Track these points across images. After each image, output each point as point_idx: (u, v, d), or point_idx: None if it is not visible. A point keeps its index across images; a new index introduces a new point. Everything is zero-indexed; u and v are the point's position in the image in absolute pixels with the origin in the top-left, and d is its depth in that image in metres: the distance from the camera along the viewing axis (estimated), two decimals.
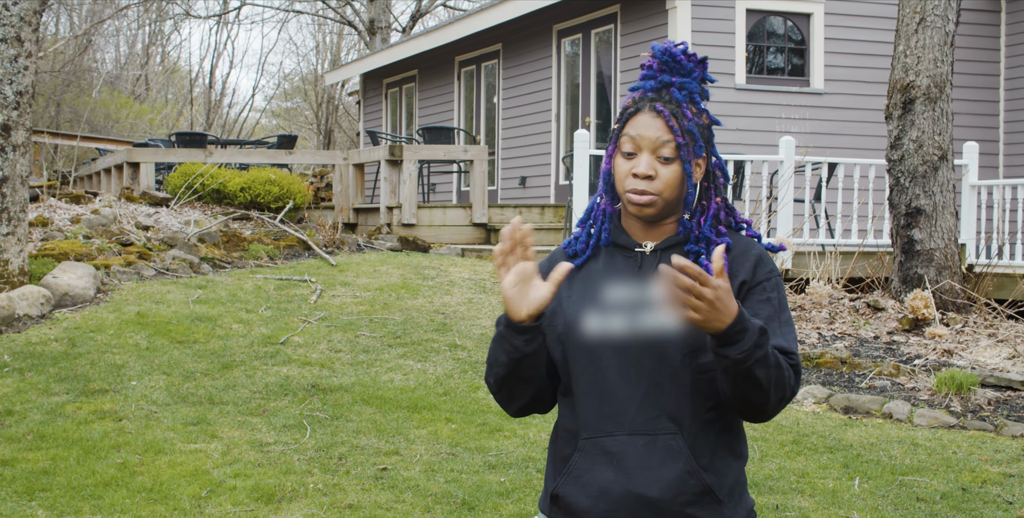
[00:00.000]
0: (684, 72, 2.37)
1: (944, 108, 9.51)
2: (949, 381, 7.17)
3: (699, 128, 2.35)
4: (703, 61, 2.39)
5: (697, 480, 2.27)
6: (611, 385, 2.30)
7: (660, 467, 2.27)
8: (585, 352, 2.32)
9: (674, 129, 2.30)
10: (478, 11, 16.14)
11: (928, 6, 9.48)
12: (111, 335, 7.72)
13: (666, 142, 2.30)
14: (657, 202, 2.32)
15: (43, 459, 5.65)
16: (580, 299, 2.36)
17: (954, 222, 9.53)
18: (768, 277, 2.36)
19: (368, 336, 8.05)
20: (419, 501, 5.22)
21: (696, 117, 2.35)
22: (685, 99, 2.35)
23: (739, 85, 12.87)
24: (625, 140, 2.33)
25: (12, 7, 8.34)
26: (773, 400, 2.25)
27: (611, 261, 2.38)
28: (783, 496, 5.43)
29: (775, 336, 2.31)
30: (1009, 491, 5.57)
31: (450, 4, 33.62)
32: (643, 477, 2.27)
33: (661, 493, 2.26)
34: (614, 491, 2.28)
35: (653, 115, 2.32)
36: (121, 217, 11.23)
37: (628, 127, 2.34)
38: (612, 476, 2.29)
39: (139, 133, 31.00)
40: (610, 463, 2.29)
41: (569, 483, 2.33)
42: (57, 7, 32.70)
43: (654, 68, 2.38)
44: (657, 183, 2.31)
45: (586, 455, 2.32)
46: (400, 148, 12.86)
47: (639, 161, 2.31)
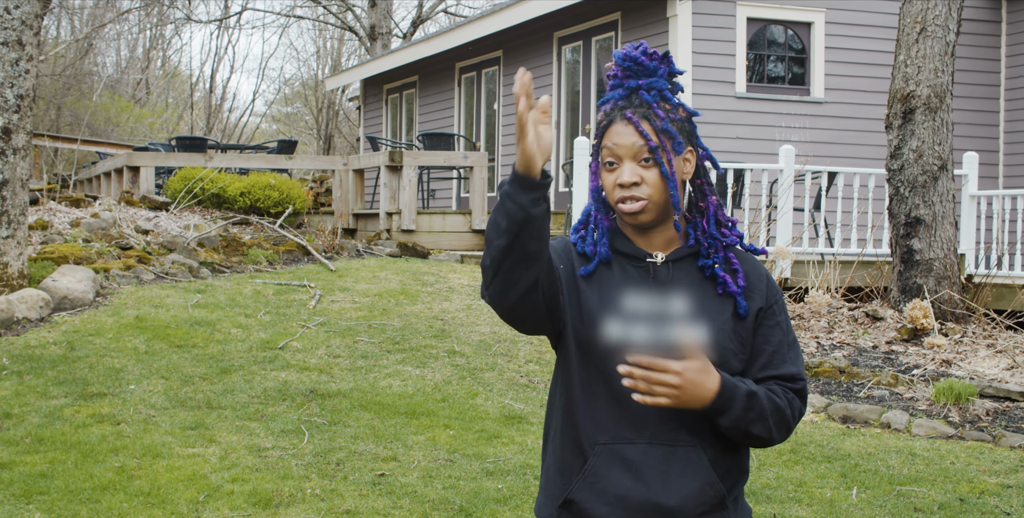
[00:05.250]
0: (649, 72, 2.36)
1: (944, 118, 9.52)
2: (948, 391, 7.17)
3: (676, 123, 2.35)
4: (666, 56, 2.38)
5: (716, 491, 2.30)
6: (630, 393, 2.29)
7: (680, 477, 2.28)
8: (604, 356, 2.31)
9: (644, 133, 2.30)
10: (479, 18, 16.16)
11: (929, 16, 9.50)
12: (110, 339, 7.72)
13: (642, 146, 2.31)
14: (649, 207, 2.32)
15: (41, 462, 5.64)
16: (600, 302, 2.33)
17: (953, 232, 9.53)
18: (776, 300, 2.40)
19: (367, 342, 8.05)
20: (416, 507, 5.21)
21: (670, 113, 2.35)
22: (655, 99, 2.34)
23: (739, 93, 12.89)
24: (605, 152, 2.34)
25: (14, 11, 8.35)
26: (778, 438, 2.34)
27: (624, 269, 2.37)
28: (781, 505, 5.43)
29: (782, 361, 2.37)
30: (1007, 502, 5.57)
31: (451, 10, 33.67)
32: (663, 487, 2.28)
33: (681, 503, 2.28)
34: (633, 499, 2.28)
35: (624, 123, 2.32)
36: (121, 221, 11.23)
37: (605, 139, 2.34)
38: (630, 484, 2.28)
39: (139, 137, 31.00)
40: (628, 470, 2.29)
41: (584, 489, 2.32)
42: (58, 11, 32.73)
43: (619, 75, 2.38)
44: (645, 188, 2.31)
45: (602, 461, 2.31)
46: (400, 154, 12.86)
47: (622, 171, 2.32)
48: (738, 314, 2.35)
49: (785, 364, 2.36)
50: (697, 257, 2.39)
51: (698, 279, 2.36)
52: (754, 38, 13.13)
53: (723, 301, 2.35)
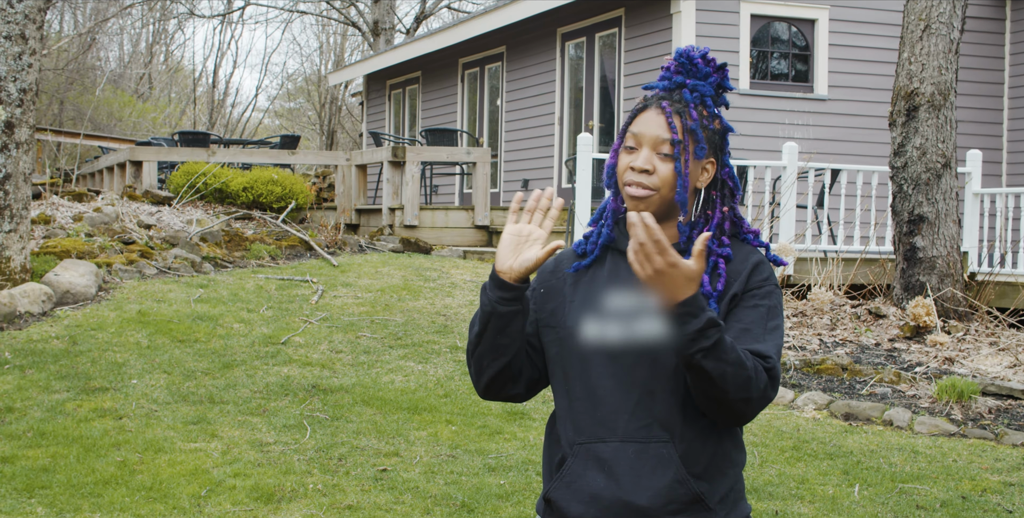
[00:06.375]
0: (699, 75, 2.38)
1: (948, 116, 9.51)
2: (950, 389, 7.17)
3: (706, 131, 2.35)
4: (722, 67, 2.40)
5: (687, 489, 2.26)
6: (605, 392, 2.30)
7: (651, 475, 2.27)
8: (581, 357, 2.32)
9: (672, 126, 2.31)
10: (482, 13, 16.15)
11: (933, 13, 9.48)
12: (112, 333, 7.72)
13: (666, 139, 2.32)
14: (653, 198, 2.31)
15: (43, 456, 5.64)
16: (581, 304, 2.36)
17: (957, 230, 9.52)
18: (761, 285, 2.33)
19: (369, 337, 8.05)
20: (418, 503, 5.21)
21: (705, 120, 2.35)
22: (695, 101, 2.35)
23: (743, 90, 12.88)
24: (629, 136, 2.36)
25: (17, 5, 8.35)
26: (733, 398, 2.19)
27: (615, 267, 2.37)
28: (783, 502, 5.43)
29: (753, 340, 2.26)
30: (1009, 500, 5.56)
31: (454, 6, 33.65)
32: (633, 485, 2.27)
33: (650, 501, 2.26)
34: (604, 497, 2.28)
35: (657, 112, 2.34)
36: (123, 215, 11.23)
37: (633, 124, 2.36)
38: (603, 483, 2.29)
39: (142, 132, 31.01)
40: (601, 469, 2.29)
41: (561, 488, 2.33)
42: (61, 5, 32.72)
43: (671, 69, 2.40)
44: (654, 178, 2.31)
45: (579, 460, 2.32)
46: (403, 149, 12.86)
47: (639, 155, 2.33)
48: None
49: (755, 343, 2.26)
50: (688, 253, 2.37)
51: None
52: (758, 35, 13.12)
53: None
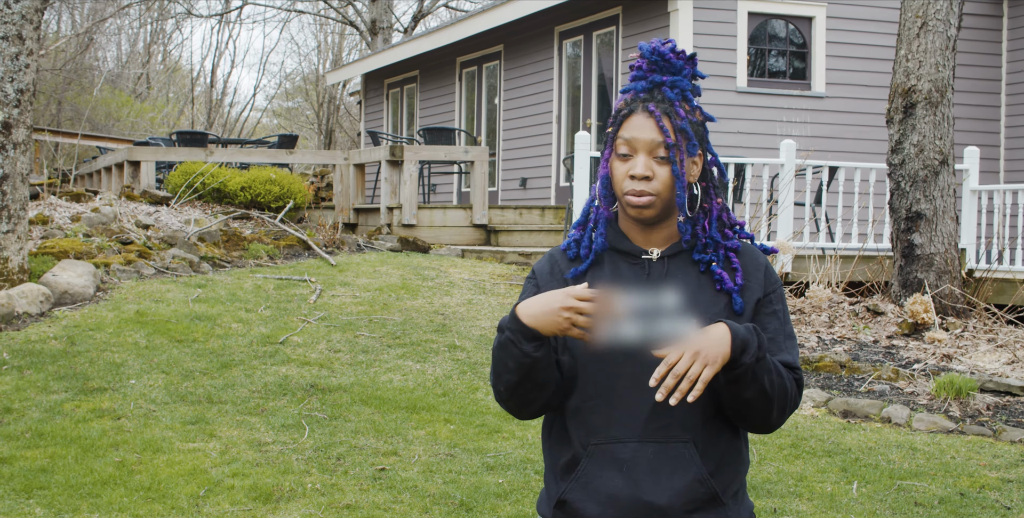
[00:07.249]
0: (674, 70, 2.35)
1: (945, 113, 9.51)
2: (948, 386, 7.17)
3: (692, 125, 2.35)
4: (692, 58, 2.38)
5: (707, 488, 2.28)
6: (623, 392, 2.29)
7: (671, 475, 2.27)
8: (596, 358, 2.31)
9: (664, 129, 2.30)
10: (480, 12, 16.14)
11: (930, 10, 9.48)
12: (110, 334, 7.72)
13: (661, 143, 2.31)
14: (656, 203, 2.31)
15: (41, 457, 5.64)
16: None
17: (954, 227, 9.52)
18: (774, 289, 2.39)
19: (367, 336, 8.05)
20: (417, 502, 5.21)
21: (689, 114, 2.35)
22: (677, 97, 2.34)
23: (740, 88, 12.87)
24: (620, 143, 2.33)
25: (14, 5, 8.34)
26: (776, 410, 2.29)
27: (616, 268, 2.36)
28: (781, 500, 5.43)
29: (778, 349, 2.34)
30: (1007, 496, 5.57)
31: (452, 5, 33.63)
32: (653, 485, 2.26)
33: (670, 501, 2.26)
34: (623, 498, 2.27)
35: (646, 116, 2.31)
36: (121, 216, 11.22)
37: (623, 130, 2.33)
38: (621, 483, 2.28)
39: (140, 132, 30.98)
40: (619, 470, 2.28)
41: (577, 489, 2.32)
42: (59, 5, 32.70)
43: (644, 68, 2.37)
44: (655, 183, 2.30)
45: (594, 461, 2.30)
46: (401, 148, 12.85)
47: (635, 162, 2.31)
48: (733, 310, 2.33)
49: (782, 352, 2.34)
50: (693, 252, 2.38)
51: (693, 274, 2.35)
52: (755, 32, 13.11)
53: (717, 296, 2.35)
